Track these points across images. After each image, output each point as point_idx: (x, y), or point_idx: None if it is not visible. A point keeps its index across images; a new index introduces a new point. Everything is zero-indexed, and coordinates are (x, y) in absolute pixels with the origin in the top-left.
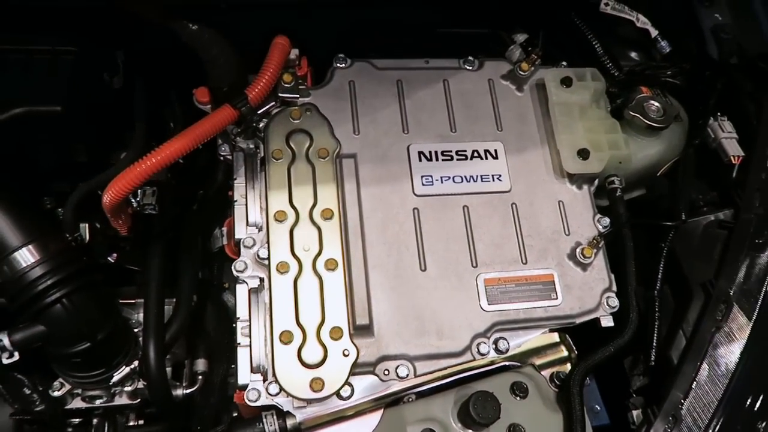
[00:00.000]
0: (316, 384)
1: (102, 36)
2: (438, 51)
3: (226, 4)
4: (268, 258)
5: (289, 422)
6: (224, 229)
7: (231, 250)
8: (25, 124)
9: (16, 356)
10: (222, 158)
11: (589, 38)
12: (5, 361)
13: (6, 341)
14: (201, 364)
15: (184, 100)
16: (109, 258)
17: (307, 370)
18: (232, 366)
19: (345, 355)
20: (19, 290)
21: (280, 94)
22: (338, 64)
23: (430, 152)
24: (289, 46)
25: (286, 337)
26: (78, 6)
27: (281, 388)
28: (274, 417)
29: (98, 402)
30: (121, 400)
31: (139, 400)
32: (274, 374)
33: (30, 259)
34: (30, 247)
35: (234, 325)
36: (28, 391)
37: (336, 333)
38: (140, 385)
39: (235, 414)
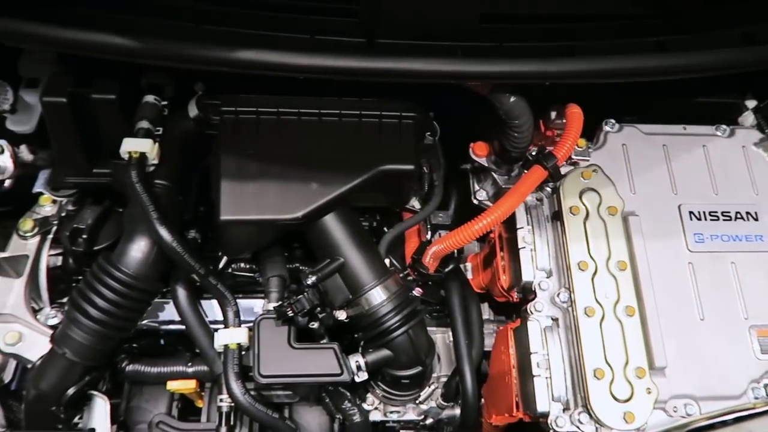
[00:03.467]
0: (630, 417)
1: (427, 103)
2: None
3: (549, 83)
4: (572, 302)
5: None
6: (468, 264)
7: (477, 285)
8: (382, 178)
9: (366, 376)
10: (478, 202)
11: None
12: (358, 379)
13: (362, 363)
14: None
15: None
16: (413, 292)
17: (618, 404)
18: None
19: (648, 393)
20: (373, 322)
21: (574, 157)
22: (608, 128)
23: (699, 212)
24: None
25: (600, 374)
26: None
27: (593, 418)
28: None
29: (393, 416)
30: (409, 416)
31: (423, 416)
32: (586, 405)
33: (382, 296)
34: (382, 284)
35: None
36: (349, 404)
37: (640, 372)
38: (433, 404)
39: None
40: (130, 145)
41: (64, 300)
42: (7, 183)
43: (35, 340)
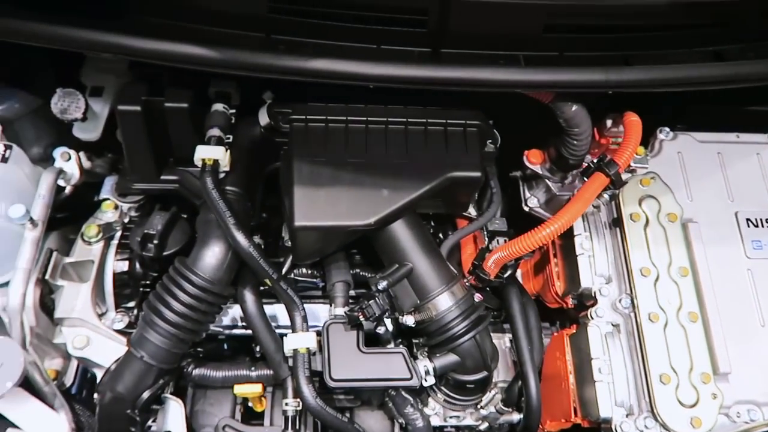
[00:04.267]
0: (697, 422)
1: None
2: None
3: (611, 91)
4: (634, 308)
5: None
6: (518, 270)
7: (528, 291)
8: (449, 185)
9: (433, 380)
10: (529, 209)
11: None
12: (425, 384)
13: (430, 367)
14: None
15: None
16: (474, 298)
17: (685, 409)
18: None
19: (714, 398)
20: (441, 327)
21: (632, 164)
22: (663, 136)
23: (756, 219)
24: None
25: (666, 379)
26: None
27: (659, 422)
28: None
29: (452, 421)
30: (467, 421)
31: (479, 422)
32: (652, 410)
33: (449, 302)
34: (449, 290)
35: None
36: (411, 409)
37: (706, 378)
38: (492, 409)
39: None
40: (204, 153)
41: (130, 305)
42: (67, 189)
43: (102, 344)
